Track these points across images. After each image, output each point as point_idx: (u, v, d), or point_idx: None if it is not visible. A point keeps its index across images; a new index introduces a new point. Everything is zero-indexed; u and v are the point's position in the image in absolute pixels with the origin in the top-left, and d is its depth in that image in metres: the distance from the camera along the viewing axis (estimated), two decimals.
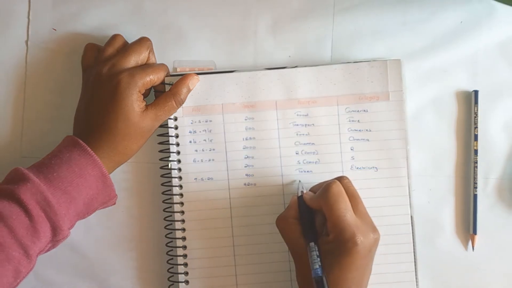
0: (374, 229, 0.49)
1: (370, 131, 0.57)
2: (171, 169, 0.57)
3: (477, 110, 0.57)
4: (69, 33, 0.59)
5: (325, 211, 0.48)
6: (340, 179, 0.51)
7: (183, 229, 0.57)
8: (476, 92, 0.58)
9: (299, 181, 0.56)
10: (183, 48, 0.59)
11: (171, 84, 0.56)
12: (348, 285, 0.47)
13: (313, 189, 0.54)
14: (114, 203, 0.55)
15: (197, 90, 0.57)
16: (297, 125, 0.57)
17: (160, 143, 0.58)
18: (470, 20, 0.59)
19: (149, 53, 0.56)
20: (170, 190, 0.57)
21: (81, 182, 0.50)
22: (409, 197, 0.56)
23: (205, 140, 0.57)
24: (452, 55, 0.59)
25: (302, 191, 0.53)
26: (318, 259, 0.47)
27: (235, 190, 0.57)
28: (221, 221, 0.57)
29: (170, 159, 0.57)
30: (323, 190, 0.49)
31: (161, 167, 0.57)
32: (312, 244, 0.48)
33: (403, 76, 0.57)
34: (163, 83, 0.56)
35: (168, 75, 0.57)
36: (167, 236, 0.57)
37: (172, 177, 0.57)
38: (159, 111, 0.54)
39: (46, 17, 0.59)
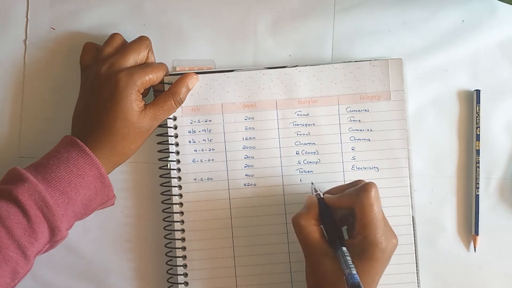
0: (394, 235, 0.49)
1: (371, 131, 0.56)
2: (170, 169, 0.57)
3: (479, 109, 0.57)
4: (67, 32, 0.59)
5: (358, 211, 0.47)
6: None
7: (183, 230, 0.56)
8: (478, 91, 0.57)
9: (312, 183, 0.56)
10: (182, 47, 0.59)
11: (170, 84, 0.56)
12: None
13: (331, 192, 0.52)
14: (113, 204, 0.54)
15: (197, 90, 0.57)
16: (298, 124, 0.57)
17: (159, 143, 0.57)
18: (471, 20, 0.59)
19: (148, 52, 0.56)
20: (169, 190, 0.56)
21: (79, 183, 0.50)
22: (411, 198, 0.56)
23: (204, 140, 0.57)
24: (453, 54, 0.58)
25: (319, 193, 0.52)
26: (353, 264, 0.46)
27: (235, 191, 0.57)
28: (220, 222, 0.56)
29: (169, 159, 0.57)
30: (361, 190, 0.48)
31: (160, 167, 0.57)
32: (344, 249, 0.47)
33: (404, 76, 0.57)
34: (162, 82, 0.56)
35: (167, 74, 0.56)
36: (166, 237, 0.56)
37: (171, 178, 0.56)
38: (158, 111, 0.54)
39: (45, 16, 0.59)
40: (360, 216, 0.47)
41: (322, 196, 0.52)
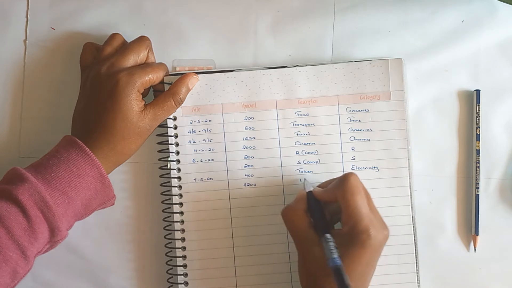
0: (385, 226, 0.49)
1: (371, 131, 0.56)
2: (170, 169, 0.57)
3: (479, 109, 0.57)
4: (67, 32, 0.59)
5: (341, 202, 0.48)
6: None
7: (182, 230, 0.56)
8: (478, 91, 0.57)
9: (305, 179, 0.56)
10: (182, 47, 0.59)
11: (170, 84, 0.56)
12: (356, 278, 0.46)
13: (321, 186, 0.53)
14: (113, 204, 0.54)
15: (197, 90, 0.57)
16: (298, 124, 0.57)
17: (159, 143, 0.57)
18: (471, 20, 0.59)
19: (148, 52, 0.56)
20: (169, 190, 0.56)
21: (79, 183, 0.50)
22: (411, 198, 0.56)
23: (204, 140, 0.57)
24: (453, 54, 0.58)
25: (311, 186, 0.52)
26: (336, 249, 0.46)
27: (235, 191, 0.57)
28: (220, 222, 0.56)
29: (169, 159, 0.57)
30: (341, 181, 0.48)
31: (160, 167, 0.57)
32: (328, 235, 0.48)
33: (404, 76, 0.57)
34: (162, 82, 0.56)
35: (167, 74, 0.57)
36: (166, 237, 0.56)
37: (171, 177, 0.56)
38: (158, 111, 0.54)
39: (45, 16, 0.59)
40: (344, 207, 0.48)
41: (312, 190, 0.52)
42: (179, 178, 0.57)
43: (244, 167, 0.57)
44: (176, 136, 0.57)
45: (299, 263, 0.51)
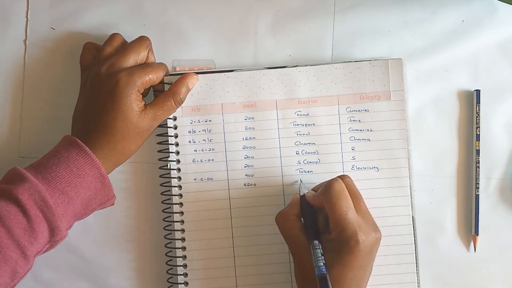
0: (376, 228, 0.48)
1: (371, 131, 0.56)
2: (170, 169, 0.57)
3: (479, 109, 0.57)
4: (67, 32, 0.59)
5: (327, 209, 0.48)
6: (342, 177, 0.51)
7: (182, 230, 0.56)
8: (478, 91, 0.57)
9: (300, 180, 0.56)
10: (182, 47, 0.59)
11: (170, 84, 0.56)
12: (348, 283, 0.46)
13: (315, 189, 0.54)
14: (113, 204, 0.54)
15: (197, 90, 0.57)
16: (298, 124, 0.57)
17: (159, 143, 0.57)
18: (471, 20, 0.59)
19: (148, 52, 0.56)
20: (169, 190, 0.56)
21: (79, 182, 0.50)
22: (411, 198, 0.56)
23: (204, 140, 0.57)
24: (453, 54, 0.58)
25: (303, 189, 0.52)
26: (322, 257, 0.47)
27: (235, 191, 0.57)
28: (220, 222, 0.56)
29: (169, 159, 0.57)
30: (325, 188, 0.49)
31: (160, 167, 0.57)
32: (316, 242, 0.48)
33: (404, 76, 0.57)
34: (162, 82, 0.56)
35: (167, 74, 0.57)
36: (166, 237, 0.56)
37: (171, 177, 0.56)
38: (158, 111, 0.54)
39: (45, 16, 0.59)
40: (330, 213, 0.48)
41: (305, 193, 0.52)
42: (179, 178, 0.57)
43: (244, 167, 0.57)
44: (176, 136, 0.57)
45: (294, 266, 0.51)
